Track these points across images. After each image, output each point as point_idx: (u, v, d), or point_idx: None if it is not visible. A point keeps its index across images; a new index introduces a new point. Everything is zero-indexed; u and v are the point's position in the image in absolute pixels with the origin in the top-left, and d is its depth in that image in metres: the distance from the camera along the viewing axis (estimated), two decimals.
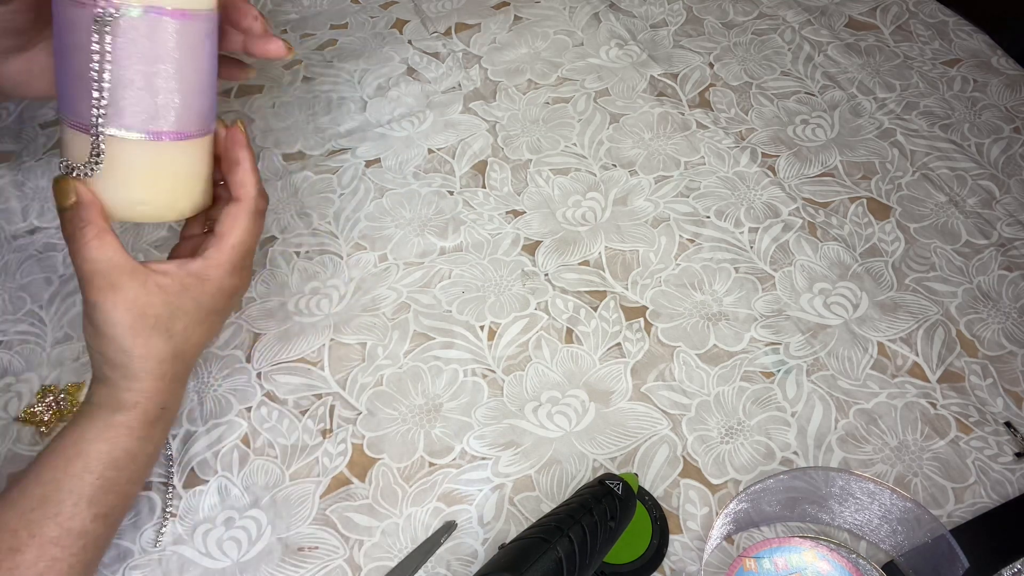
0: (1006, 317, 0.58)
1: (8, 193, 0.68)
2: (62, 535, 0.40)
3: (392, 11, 0.83)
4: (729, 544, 0.48)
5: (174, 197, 0.43)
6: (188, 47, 0.39)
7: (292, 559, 0.48)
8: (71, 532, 0.40)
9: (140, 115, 0.39)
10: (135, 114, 0.39)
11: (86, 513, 0.40)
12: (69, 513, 0.40)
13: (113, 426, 0.42)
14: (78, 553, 0.40)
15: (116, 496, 0.42)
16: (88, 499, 0.41)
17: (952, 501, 0.50)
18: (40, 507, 0.40)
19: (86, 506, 0.40)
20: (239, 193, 0.45)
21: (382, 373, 0.56)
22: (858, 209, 0.64)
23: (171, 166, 0.42)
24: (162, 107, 0.40)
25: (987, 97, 0.73)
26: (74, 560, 0.40)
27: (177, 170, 0.42)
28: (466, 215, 0.65)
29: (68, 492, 0.40)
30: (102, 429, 0.41)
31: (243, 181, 0.45)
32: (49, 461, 0.41)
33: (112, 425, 0.42)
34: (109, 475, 0.41)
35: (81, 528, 0.40)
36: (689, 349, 0.57)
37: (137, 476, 0.44)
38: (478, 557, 0.48)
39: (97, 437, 0.41)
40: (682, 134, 0.71)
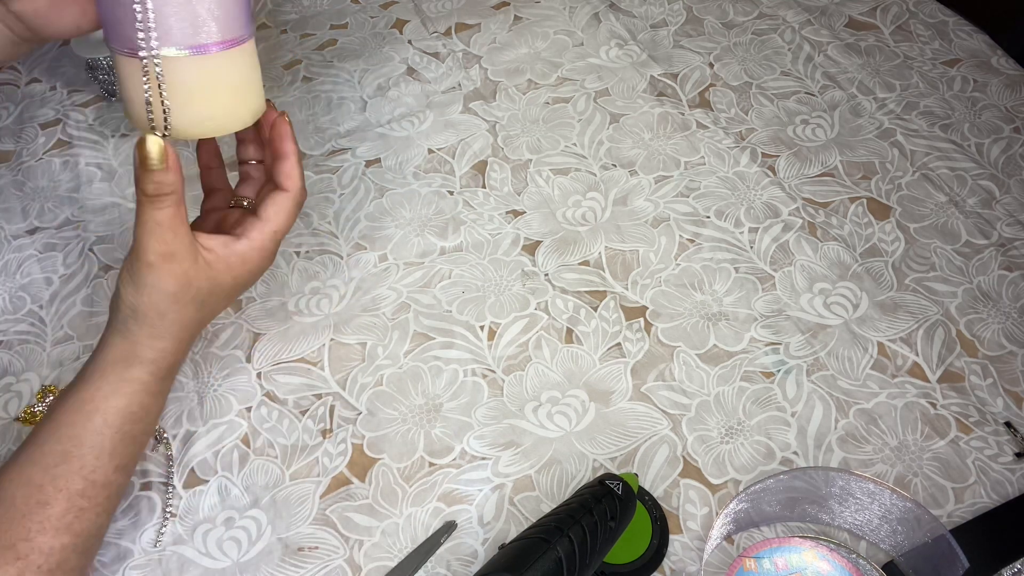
0: (1006, 317, 0.58)
1: (8, 193, 0.68)
2: (87, 487, 0.42)
3: (392, 11, 0.83)
4: (729, 544, 0.48)
5: (235, 106, 0.43)
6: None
7: (292, 559, 0.48)
8: (95, 484, 0.42)
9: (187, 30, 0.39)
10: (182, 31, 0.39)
11: (108, 465, 0.42)
12: (92, 466, 0.42)
13: (128, 381, 0.43)
14: (103, 503, 0.43)
15: (134, 447, 0.44)
16: (109, 452, 0.42)
17: (952, 501, 0.50)
18: (64, 462, 0.41)
19: (108, 459, 0.42)
20: (286, 184, 0.47)
21: (382, 373, 0.56)
22: (858, 209, 0.64)
23: (226, 77, 0.42)
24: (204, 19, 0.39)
25: (987, 97, 0.72)
26: (99, 509, 0.43)
27: (232, 79, 0.42)
28: (466, 215, 0.65)
29: (90, 447, 0.42)
30: (117, 384, 0.43)
31: (290, 173, 0.47)
32: (66, 418, 0.42)
33: (127, 380, 0.43)
34: (127, 428, 0.43)
35: (105, 480, 0.42)
36: (689, 349, 0.57)
37: (150, 427, 0.46)
38: (478, 557, 0.48)
39: (113, 392, 0.43)
40: (682, 134, 0.71)
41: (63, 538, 0.41)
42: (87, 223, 0.66)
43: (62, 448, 0.41)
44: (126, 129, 0.73)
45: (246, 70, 0.43)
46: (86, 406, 0.42)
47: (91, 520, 0.42)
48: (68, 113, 0.74)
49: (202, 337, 0.58)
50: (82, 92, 0.76)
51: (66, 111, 0.75)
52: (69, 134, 0.73)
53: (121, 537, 0.49)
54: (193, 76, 0.40)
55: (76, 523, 0.41)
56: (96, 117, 0.74)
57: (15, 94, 0.77)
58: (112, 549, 0.49)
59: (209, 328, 0.58)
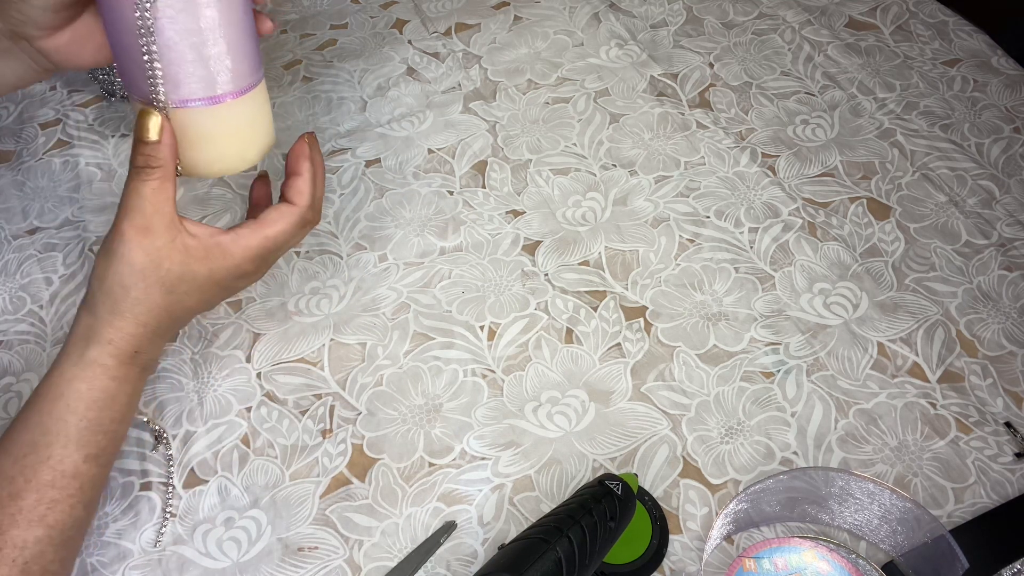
0: (1006, 317, 0.58)
1: (8, 193, 0.68)
2: (56, 478, 0.41)
3: (392, 11, 0.83)
4: (729, 544, 0.48)
5: (243, 149, 0.45)
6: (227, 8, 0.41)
7: (292, 559, 0.48)
8: (64, 474, 0.41)
9: (198, 84, 0.41)
10: (193, 84, 0.41)
11: (76, 455, 0.41)
12: (59, 456, 0.41)
13: (88, 363, 0.42)
14: (76, 494, 0.41)
15: (104, 436, 0.43)
16: (76, 441, 0.41)
17: (952, 501, 0.50)
18: (32, 452, 0.41)
19: (75, 448, 0.41)
20: (294, 199, 0.46)
21: (382, 373, 0.56)
22: (858, 209, 0.64)
23: (235, 122, 0.44)
24: (217, 72, 0.42)
25: (987, 97, 0.72)
26: (73, 500, 0.41)
27: (240, 125, 0.44)
28: (466, 215, 0.65)
29: (55, 435, 0.41)
30: (78, 367, 0.42)
31: (300, 189, 0.46)
32: (34, 405, 0.42)
33: (87, 362, 0.42)
34: (91, 415, 0.42)
35: (74, 470, 0.41)
36: (689, 349, 0.57)
37: (120, 416, 0.44)
38: (478, 557, 0.48)
39: (74, 376, 0.42)
40: (682, 134, 0.71)
41: (36, 530, 0.40)
42: (87, 223, 0.66)
43: (30, 437, 0.41)
44: (126, 129, 0.73)
45: (254, 114, 0.45)
46: (51, 391, 0.42)
47: (65, 512, 0.41)
48: (68, 113, 0.74)
49: (202, 337, 0.58)
50: (82, 92, 0.76)
51: (66, 111, 0.75)
52: (69, 134, 0.73)
53: (121, 537, 0.49)
54: (203, 124, 0.43)
55: (49, 515, 0.40)
56: (96, 117, 0.74)
57: (15, 94, 0.77)
58: (112, 549, 0.49)
59: (209, 328, 0.59)
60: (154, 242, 0.41)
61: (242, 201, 0.67)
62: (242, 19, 0.42)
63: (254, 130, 0.46)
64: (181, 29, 0.39)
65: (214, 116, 0.43)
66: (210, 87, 0.42)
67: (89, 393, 0.42)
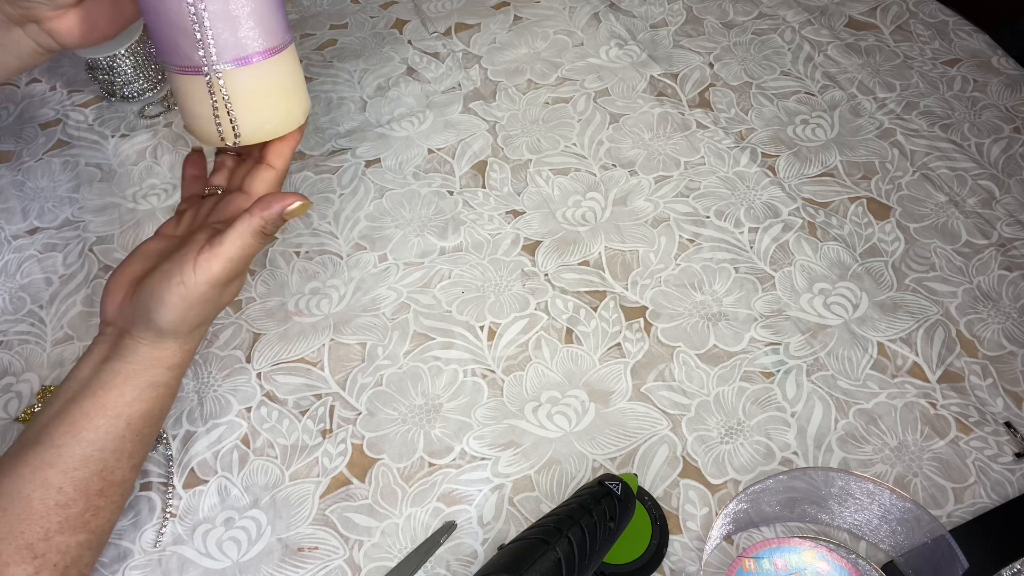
0: (1006, 317, 0.58)
1: (8, 193, 0.68)
2: (106, 487, 0.42)
3: (392, 11, 0.83)
4: (729, 544, 0.48)
5: (290, 107, 0.45)
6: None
7: (292, 559, 0.48)
8: (113, 483, 0.43)
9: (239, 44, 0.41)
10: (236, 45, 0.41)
11: (126, 466, 0.43)
12: (112, 468, 0.43)
13: (155, 386, 0.44)
14: (118, 500, 0.44)
15: (147, 446, 0.45)
16: (129, 454, 0.43)
17: (952, 501, 0.50)
18: (84, 466, 0.42)
19: (127, 460, 0.43)
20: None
21: (382, 373, 0.56)
22: (858, 209, 0.64)
23: (279, 81, 0.44)
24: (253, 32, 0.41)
25: (987, 97, 0.72)
26: (115, 507, 0.44)
27: (284, 83, 0.44)
28: (466, 215, 0.65)
29: (112, 451, 0.42)
30: (143, 390, 0.43)
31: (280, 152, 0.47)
32: (87, 422, 0.42)
33: (154, 385, 0.44)
34: (147, 431, 0.44)
35: (122, 479, 0.43)
36: (689, 349, 0.57)
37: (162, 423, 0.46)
38: (478, 557, 0.48)
39: (138, 398, 0.43)
40: (682, 134, 0.70)
41: (80, 536, 0.41)
42: (87, 223, 0.66)
43: (83, 452, 0.42)
44: (126, 129, 0.73)
45: (294, 72, 0.45)
46: (108, 411, 0.42)
47: (106, 518, 0.43)
48: (68, 113, 0.74)
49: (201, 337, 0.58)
50: (82, 92, 0.76)
51: (66, 111, 0.75)
52: (69, 134, 0.73)
53: (121, 537, 0.49)
54: (251, 85, 0.42)
55: (93, 521, 0.42)
56: (96, 117, 0.74)
57: (15, 94, 0.77)
58: (112, 549, 0.49)
59: (209, 328, 0.58)
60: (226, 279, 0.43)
61: None
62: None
63: (295, 89, 0.45)
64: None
65: (258, 75, 0.42)
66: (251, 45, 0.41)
67: (150, 413, 0.44)
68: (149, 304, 0.42)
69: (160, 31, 0.41)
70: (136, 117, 0.73)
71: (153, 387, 0.44)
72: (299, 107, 0.46)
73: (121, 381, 0.43)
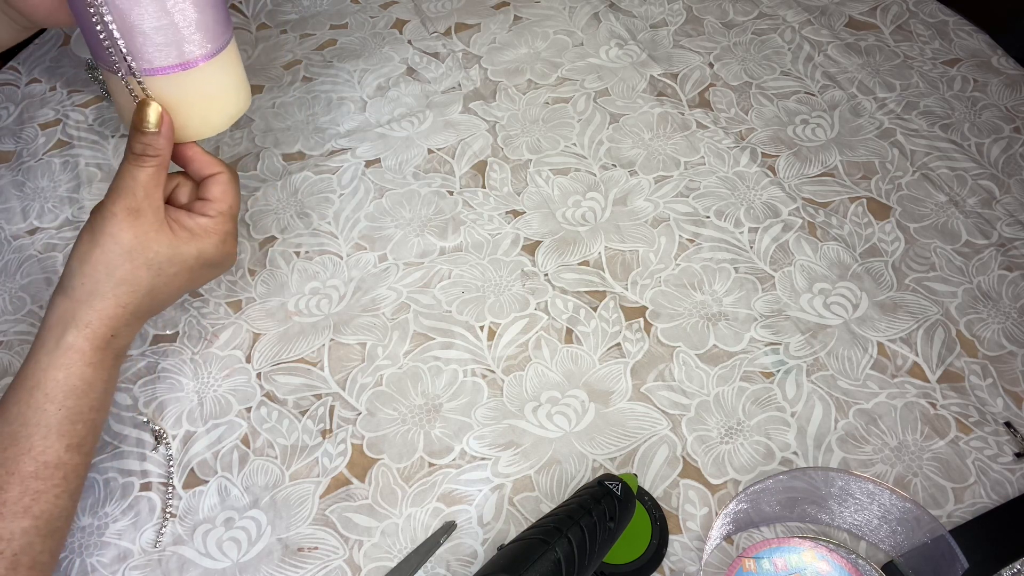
0: (1006, 317, 0.58)
1: (8, 193, 0.68)
2: (39, 469, 0.41)
3: (392, 11, 0.83)
4: (729, 544, 0.48)
5: (222, 107, 0.46)
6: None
7: (292, 559, 0.48)
8: (48, 465, 0.41)
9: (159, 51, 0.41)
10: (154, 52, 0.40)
11: (57, 445, 0.41)
12: (40, 447, 0.41)
13: (64, 349, 0.42)
14: (60, 483, 0.42)
15: (83, 425, 0.43)
16: (56, 431, 0.41)
17: (952, 501, 0.50)
18: (12, 445, 0.40)
19: (56, 438, 0.41)
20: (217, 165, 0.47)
21: (382, 373, 0.56)
22: (858, 209, 0.64)
23: (205, 86, 0.44)
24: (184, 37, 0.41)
25: (987, 97, 0.72)
26: (58, 490, 0.41)
27: (210, 88, 0.44)
28: (466, 215, 0.65)
29: (35, 426, 0.41)
30: (54, 354, 0.42)
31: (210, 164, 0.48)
32: (12, 396, 0.42)
33: (63, 348, 0.42)
34: (70, 404, 0.42)
35: (56, 460, 0.41)
36: (689, 349, 0.57)
37: (98, 404, 0.44)
38: (477, 557, 0.48)
39: (50, 364, 0.42)
40: (682, 134, 0.70)
41: (22, 522, 0.40)
42: None
43: (10, 429, 0.41)
44: (126, 130, 0.73)
45: (225, 76, 0.45)
46: (27, 381, 0.42)
47: (50, 502, 0.41)
48: (68, 113, 0.74)
49: (202, 337, 0.58)
50: (82, 92, 0.76)
51: (66, 111, 0.75)
52: (69, 134, 0.73)
53: (121, 537, 0.49)
54: (172, 89, 0.43)
55: (34, 506, 0.40)
56: (96, 117, 0.74)
57: (15, 94, 0.77)
58: (112, 549, 0.49)
59: (209, 328, 0.59)
60: (143, 224, 0.42)
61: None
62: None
63: (225, 92, 0.45)
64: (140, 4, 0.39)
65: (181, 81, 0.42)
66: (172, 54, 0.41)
67: (66, 381, 0.42)
68: None
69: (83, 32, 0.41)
70: None
71: (63, 351, 0.42)
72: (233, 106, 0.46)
73: (38, 346, 0.42)
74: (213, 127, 0.46)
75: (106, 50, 0.40)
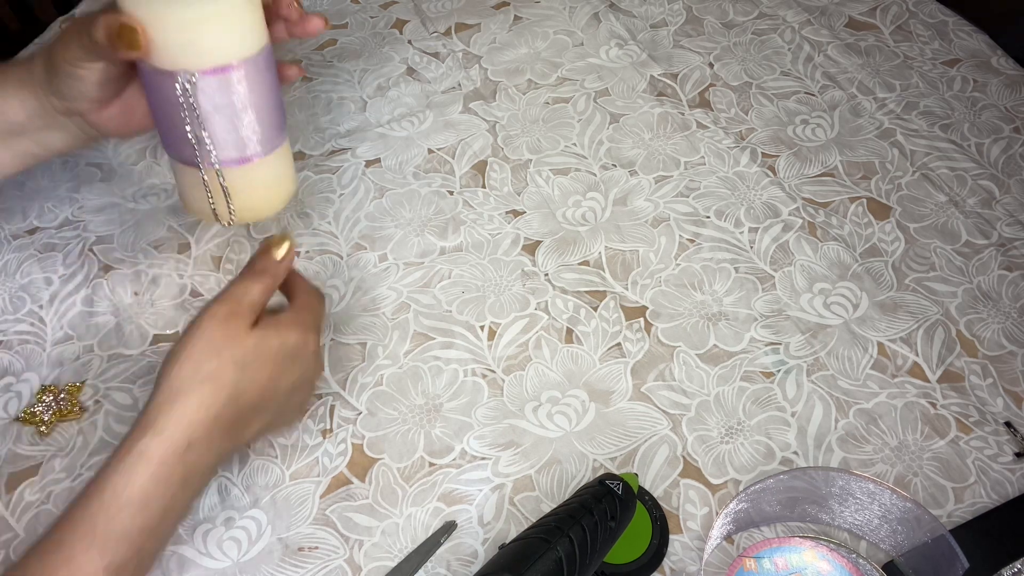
0: (1006, 317, 0.58)
1: (8, 193, 0.68)
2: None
3: (392, 11, 0.83)
4: (729, 544, 0.48)
5: (275, 195, 0.51)
6: (256, 82, 0.45)
7: (292, 559, 0.48)
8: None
9: (231, 149, 0.46)
10: (229, 149, 0.46)
11: (97, 562, 0.37)
12: (80, 561, 0.37)
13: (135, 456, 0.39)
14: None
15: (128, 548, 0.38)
16: (100, 546, 0.37)
17: (952, 501, 0.50)
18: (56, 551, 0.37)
19: (97, 554, 0.37)
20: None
21: (382, 373, 0.56)
22: (858, 209, 0.64)
23: (262, 178, 0.49)
24: (248, 137, 0.47)
25: (987, 97, 0.73)
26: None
27: (267, 179, 0.50)
28: (466, 215, 0.65)
29: (81, 536, 0.37)
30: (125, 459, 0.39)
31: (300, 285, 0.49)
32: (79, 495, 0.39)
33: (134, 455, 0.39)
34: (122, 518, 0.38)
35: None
36: (689, 349, 0.57)
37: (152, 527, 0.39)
38: (478, 557, 0.48)
39: (116, 469, 0.39)
40: (682, 134, 0.71)
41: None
42: (87, 223, 0.66)
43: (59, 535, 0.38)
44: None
45: (278, 170, 0.50)
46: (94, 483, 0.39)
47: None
48: None
49: None
50: None
51: None
52: None
53: None
54: (234, 181, 0.48)
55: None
56: None
57: None
58: None
59: None
60: (236, 325, 0.42)
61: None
62: (269, 92, 0.47)
63: (279, 183, 0.51)
64: (218, 104, 0.44)
65: (244, 175, 0.48)
66: (241, 150, 0.47)
67: (125, 491, 0.38)
68: None
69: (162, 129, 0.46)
70: None
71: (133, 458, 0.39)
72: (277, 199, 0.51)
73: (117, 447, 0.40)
74: (270, 210, 0.51)
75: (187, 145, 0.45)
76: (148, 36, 0.41)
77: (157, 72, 0.43)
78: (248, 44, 0.44)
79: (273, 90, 0.47)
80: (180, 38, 0.42)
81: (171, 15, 0.41)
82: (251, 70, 0.45)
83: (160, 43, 0.42)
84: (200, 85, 0.43)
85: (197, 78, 0.43)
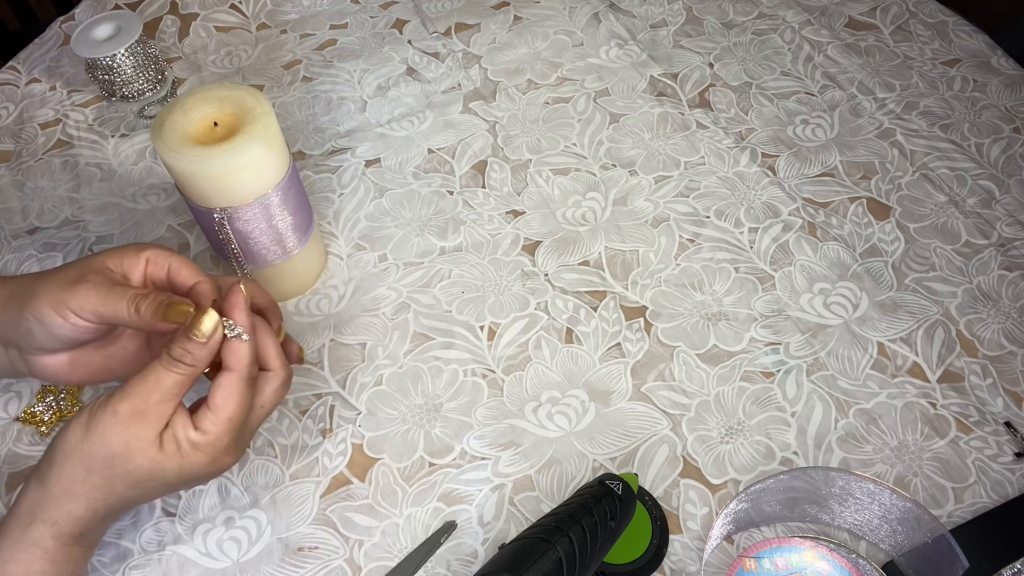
0: (1006, 317, 0.58)
1: (8, 193, 0.68)
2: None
3: (392, 11, 0.83)
4: (729, 544, 0.48)
5: (305, 279, 0.60)
6: (287, 196, 0.53)
7: (292, 559, 0.48)
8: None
9: (270, 254, 0.55)
10: (266, 254, 0.55)
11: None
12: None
13: (27, 545, 0.38)
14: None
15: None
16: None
17: (952, 501, 0.50)
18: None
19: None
20: (231, 362, 0.40)
21: (382, 373, 0.56)
22: (858, 209, 0.64)
23: (297, 266, 0.58)
24: (284, 240, 0.55)
25: (987, 97, 0.73)
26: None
27: (300, 265, 0.59)
28: (466, 215, 0.65)
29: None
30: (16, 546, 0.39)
31: (235, 349, 0.40)
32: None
33: (26, 543, 0.38)
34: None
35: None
36: (689, 349, 0.57)
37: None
38: (478, 557, 0.48)
39: (11, 557, 0.38)
40: (682, 134, 0.71)
41: None
42: (87, 223, 0.66)
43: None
44: (126, 129, 0.73)
45: (311, 254, 0.59)
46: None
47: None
48: (68, 113, 0.74)
49: None
50: (82, 92, 0.76)
51: (66, 111, 0.75)
52: (69, 134, 0.73)
53: (121, 537, 0.49)
54: (273, 273, 0.57)
55: None
56: (96, 117, 0.74)
57: (15, 94, 0.77)
58: (112, 549, 0.49)
59: None
60: (139, 431, 0.38)
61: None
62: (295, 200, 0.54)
63: (308, 268, 0.60)
64: (253, 229, 0.53)
65: (277, 270, 0.57)
66: (278, 253, 0.55)
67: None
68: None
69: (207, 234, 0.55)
70: (136, 117, 0.73)
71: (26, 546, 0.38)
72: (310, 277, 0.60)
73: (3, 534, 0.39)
74: (303, 289, 0.60)
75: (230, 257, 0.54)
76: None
77: (196, 207, 0.51)
78: (271, 178, 0.51)
79: (299, 196, 0.55)
80: (211, 186, 0.49)
81: (200, 170, 0.48)
82: (276, 194, 0.52)
83: (195, 190, 0.50)
84: (233, 215, 0.51)
85: (230, 211, 0.51)
